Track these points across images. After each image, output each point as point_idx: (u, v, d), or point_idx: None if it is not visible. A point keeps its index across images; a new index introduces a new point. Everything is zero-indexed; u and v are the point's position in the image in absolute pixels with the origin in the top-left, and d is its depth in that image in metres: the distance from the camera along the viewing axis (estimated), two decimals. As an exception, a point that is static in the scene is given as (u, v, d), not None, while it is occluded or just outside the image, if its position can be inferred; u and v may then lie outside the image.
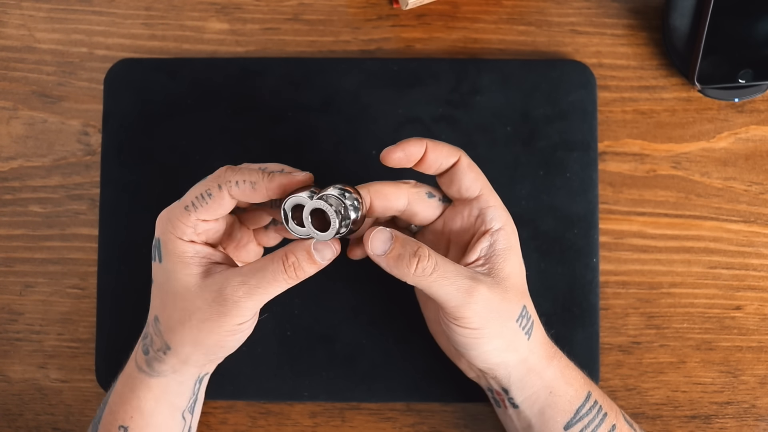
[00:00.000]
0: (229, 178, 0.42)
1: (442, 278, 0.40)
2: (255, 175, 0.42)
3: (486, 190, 0.44)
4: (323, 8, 0.55)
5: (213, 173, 0.43)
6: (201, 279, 0.42)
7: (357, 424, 0.52)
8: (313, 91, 0.53)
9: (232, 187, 0.42)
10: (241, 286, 0.41)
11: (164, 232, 0.42)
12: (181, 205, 0.42)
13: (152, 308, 0.44)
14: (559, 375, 0.45)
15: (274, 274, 0.41)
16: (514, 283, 0.43)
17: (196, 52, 0.54)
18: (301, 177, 0.42)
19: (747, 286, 0.53)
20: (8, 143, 0.54)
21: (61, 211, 0.53)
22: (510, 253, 0.43)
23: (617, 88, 0.54)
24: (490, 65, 0.53)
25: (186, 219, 0.42)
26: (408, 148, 0.43)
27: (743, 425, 0.52)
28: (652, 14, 0.54)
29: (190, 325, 0.42)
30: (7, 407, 0.53)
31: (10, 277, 0.53)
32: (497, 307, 0.42)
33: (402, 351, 0.51)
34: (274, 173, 0.42)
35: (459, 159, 0.44)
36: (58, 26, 0.55)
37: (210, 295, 0.41)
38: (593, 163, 0.52)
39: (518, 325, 0.43)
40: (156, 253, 0.43)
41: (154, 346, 0.44)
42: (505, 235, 0.44)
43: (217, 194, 0.42)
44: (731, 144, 0.54)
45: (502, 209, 0.44)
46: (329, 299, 0.52)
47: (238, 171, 0.42)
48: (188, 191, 0.43)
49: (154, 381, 0.44)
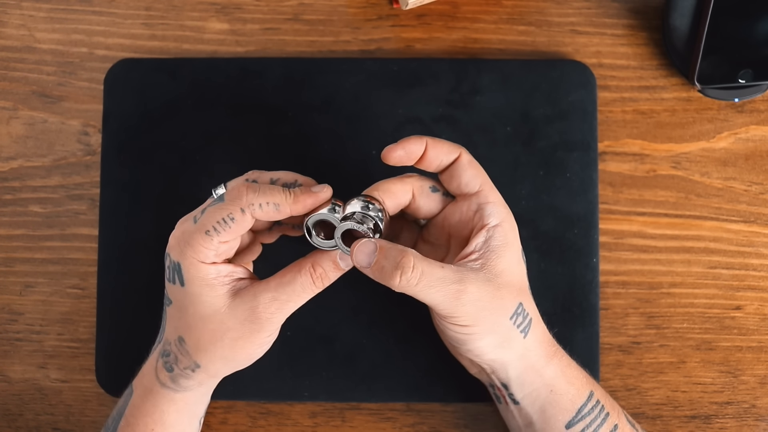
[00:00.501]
0: (252, 201, 0.41)
1: (427, 287, 0.41)
2: (278, 196, 0.41)
3: (486, 186, 0.44)
4: (323, 8, 0.55)
5: (231, 192, 0.42)
6: (229, 299, 0.42)
7: (357, 424, 0.52)
8: (313, 91, 0.53)
9: (255, 210, 0.41)
10: (273, 302, 0.42)
11: (184, 256, 0.41)
12: (201, 230, 0.41)
13: (173, 328, 0.43)
14: (559, 374, 0.44)
15: (303, 287, 0.42)
16: (509, 280, 0.43)
17: (196, 52, 0.54)
18: (324, 195, 0.42)
19: (747, 286, 0.53)
20: (8, 143, 0.54)
21: (61, 211, 0.53)
22: (506, 249, 0.43)
23: (617, 88, 0.54)
24: (490, 65, 0.53)
25: (208, 243, 0.41)
26: (408, 146, 0.43)
27: (743, 425, 0.52)
28: (652, 14, 0.55)
29: (222, 344, 0.42)
30: (7, 407, 0.53)
31: (10, 277, 0.53)
32: (488, 304, 0.42)
33: (402, 351, 0.51)
34: (296, 192, 0.42)
35: (459, 155, 0.44)
36: (58, 26, 0.55)
37: (242, 315, 0.42)
38: (593, 163, 0.52)
39: (512, 323, 0.43)
40: (175, 277, 0.42)
41: (180, 365, 0.43)
42: (502, 231, 0.43)
43: (240, 218, 0.41)
44: (731, 144, 0.54)
45: (501, 206, 0.44)
46: (329, 299, 0.52)
47: (260, 192, 0.41)
48: (206, 214, 0.41)
49: (178, 396, 0.44)
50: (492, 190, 0.44)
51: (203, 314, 0.42)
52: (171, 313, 0.43)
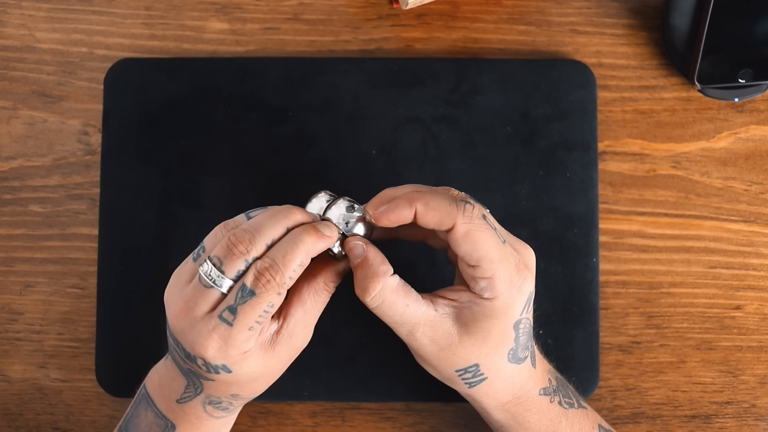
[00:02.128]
0: (284, 279, 0.39)
1: (381, 315, 0.42)
2: (298, 254, 0.39)
3: (485, 262, 0.40)
4: (323, 8, 0.55)
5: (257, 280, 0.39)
6: (271, 350, 0.42)
7: (357, 424, 0.52)
8: (313, 91, 0.53)
9: (288, 284, 0.40)
10: (305, 329, 0.43)
11: (228, 357, 0.40)
12: (243, 329, 0.39)
13: (223, 390, 0.43)
14: (510, 417, 0.45)
15: (323, 299, 0.43)
16: (475, 343, 0.42)
17: (196, 52, 0.54)
18: (333, 234, 0.41)
19: (747, 285, 0.53)
20: (8, 143, 0.54)
21: (61, 211, 0.53)
22: (487, 320, 0.41)
23: (617, 88, 0.54)
24: (490, 65, 0.53)
25: (252, 335, 0.40)
26: (395, 214, 0.40)
27: (743, 425, 0.52)
28: (652, 14, 0.54)
29: (273, 378, 0.44)
30: (7, 407, 0.53)
31: (10, 277, 0.53)
32: (436, 353, 0.43)
33: (402, 351, 0.51)
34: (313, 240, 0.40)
35: (453, 227, 0.40)
36: (58, 26, 0.55)
37: (287, 355, 0.43)
38: (593, 163, 0.52)
39: (456, 375, 0.43)
40: (219, 370, 0.41)
41: (235, 405, 0.45)
42: (491, 306, 0.41)
43: (279, 300, 0.40)
44: (731, 144, 0.54)
45: (503, 282, 0.41)
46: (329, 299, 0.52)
47: (282, 265, 0.39)
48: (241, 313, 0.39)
49: (233, 416, 0.46)
50: (494, 264, 0.40)
51: (256, 375, 0.42)
52: (216, 384, 0.42)
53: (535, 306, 0.45)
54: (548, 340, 0.51)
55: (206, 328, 0.40)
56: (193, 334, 0.40)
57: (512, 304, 0.41)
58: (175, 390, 0.44)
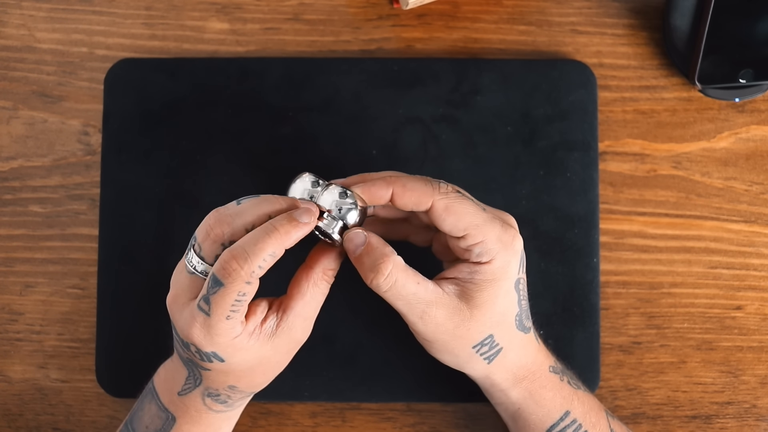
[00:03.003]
0: (252, 269, 0.38)
1: (395, 298, 0.41)
2: (269, 245, 0.39)
3: (472, 229, 0.41)
4: (323, 8, 0.55)
5: (224, 270, 0.38)
6: (269, 341, 0.42)
7: (357, 424, 0.52)
8: (313, 91, 0.53)
9: (258, 273, 0.39)
10: (305, 322, 0.42)
11: (215, 344, 0.40)
12: (221, 318, 0.39)
13: (221, 381, 0.43)
14: (527, 395, 0.45)
15: (321, 292, 0.43)
16: (485, 313, 0.42)
17: (196, 52, 0.54)
18: (313, 223, 0.40)
19: (748, 286, 0.53)
20: (8, 143, 0.54)
21: (61, 211, 0.53)
22: (490, 285, 0.42)
23: (618, 88, 0.54)
24: (490, 65, 0.53)
25: (232, 324, 0.40)
26: (372, 191, 0.41)
27: (744, 425, 0.52)
28: (652, 14, 0.54)
29: (274, 373, 0.44)
30: (7, 407, 0.53)
31: (10, 277, 0.53)
32: (451, 331, 0.42)
33: (402, 351, 0.51)
34: (284, 229, 0.39)
35: (432, 205, 0.41)
36: (58, 26, 0.55)
37: (285, 347, 0.43)
38: (594, 163, 0.52)
39: (475, 351, 0.43)
40: (212, 359, 0.41)
41: (233, 399, 0.44)
42: (490, 269, 0.42)
43: (250, 289, 0.39)
44: (732, 144, 0.54)
45: (494, 242, 0.41)
46: (329, 299, 0.51)
47: (251, 255, 0.38)
48: (214, 303, 0.39)
49: (234, 411, 0.46)
50: (480, 228, 0.41)
51: (251, 365, 0.42)
52: (213, 374, 0.42)
53: (530, 291, 0.46)
54: (549, 340, 0.50)
55: (190, 315, 0.40)
56: (182, 321, 0.41)
57: (509, 262, 0.42)
58: (177, 382, 0.44)
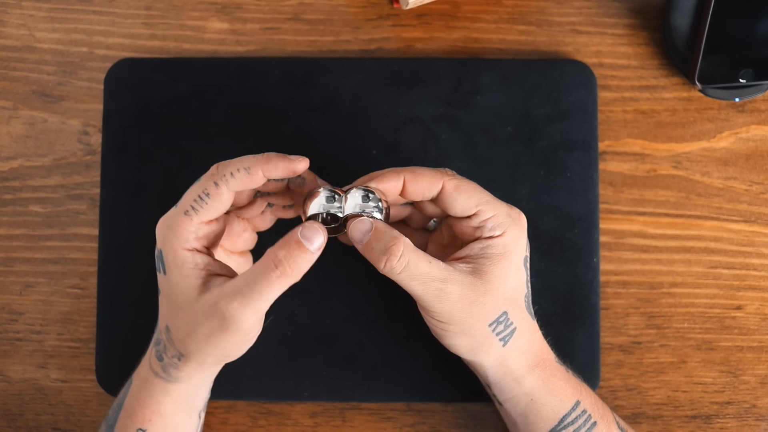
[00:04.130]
0: (223, 172, 0.41)
1: (409, 278, 0.41)
2: (248, 160, 0.41)
3: (483, 205, 0.43)
4: (323, 8, 0.55)
5: (206, 173, 0.42)
6: (199, 293, 0.41)
7: (357, 424, 0.52)
8: (313, 91, 0.53)
9: (228, 180, 0.41)
10: (235, 297, 0.39)
11: (165, 242, 0.42)
12: (180, 211, 0.41)
13: (162, 317, 0.44)
14: (540, 384, 0.44)
15: (265, 275, 0.39)
16: (499, 288, 0.42)
17: (196, 52, 0.54)
18: (300, 165, 0.42)
19: (748, 285, 0.53)
20: (8, 143, 0.54)
21: (61, 211, 0.53)
22: (503, 258, 0.43)
23: (618, 88, 0.54)
24: (490, 65, 0.53)
25: (187, 224, 0.41)
26: (384, 183, 0.42)
27: (744, 425, 0.52)
28: (652, 14, 0.54)
29: (197, 337, 0.41)
30: (7, 407, 0.53)
31: (10, 277, 0.53)
32: (467, 308, 0.42)
33: (402, 351, 0.51)
34: (268, 154, 0.42)
35: (443, 186, 0.43)
36: (58, 26, 0.55)
37: (208, 311, 0.40)
38: (594, 163, 0.52)
39: (491, 330, 0.43)
40: (160, 265, 0.42)
41: (168, 354, 0.43)
42: (502, 242, 0.43)
43: (215, 192, 0.41)
44: (732, 144, 0.54)
45: (503, 216, 0.43)
46: (329, 299, 0.52)
47: (230, 163, 0.42)
48: (184, 196, 0.42)
49: (172, 386, 0.44)
50: (489, 203, 0.43)
51: (180, 304, 0.42)
52: (161, 301, 0.44)
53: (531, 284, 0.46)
54: (549, 340, 0.50)
55: (167, 213, 0.43)
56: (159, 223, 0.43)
57: (518, 236, 0.43)
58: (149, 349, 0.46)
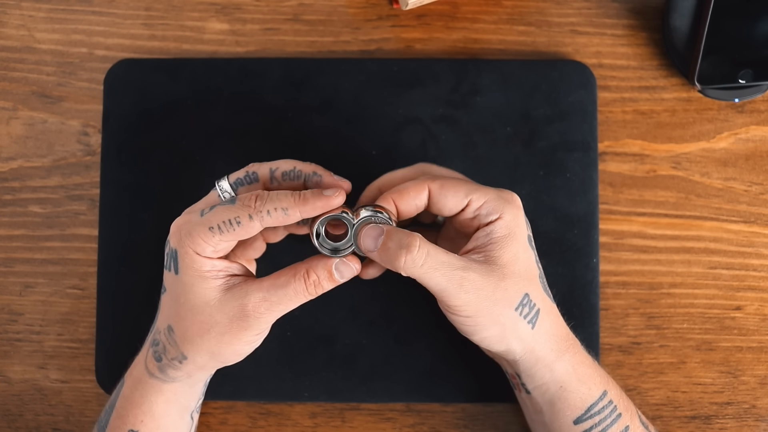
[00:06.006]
0: (261, 209, 0.41)
1: (432, 269, 0.41)
2: (287, 200, 0.41)
3: (472, 193, 0.43)
4: (323, 8, 0.55)
5: (243, 197, 0.41)
6: (221, 294, 0.42)
7: (357, 425, 0.52)
8: (313, 92, 0.53)
9: (264, 218, 0.41)
10: (263, 303, 0.41)
11: (182, 245, 0.42)
12: (205, 225, 0.41)
13: (164, 317, 0.44)
14: (570, 371, 0.44)
15: (295, 292, 0.42)
16: (514, 270, 0.43)
17: (196, 53, 0.54)
18: (337, 201, 0.42)
19: (747, 286, 0.53)
20: (8, 143, 0.54)
21: (61, 212, 0.53)
22: (510, 239, 0.43)
23: (617, 89, 0.54)
24: (490, 65, 0.53)
25: (209, 239, 0.41)
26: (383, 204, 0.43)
27: (743, 425, 0.52)
28: (652, 14, 0.55)
29: (209, 337, 0.42)
30: (7, 407, 0.53)
31: (10, 278, 0.53)
32: (491, 294, 0.42)
33: (402, 351, 0.51)
34: (305, 195, 0.41)
35: (429, 191, 0.44)
36: (58, 26, 0.55)
37: (231, 310, 0.42)
38: (593, 164, 0.52)
39: (518, 314, 0.43)
40: (171, 264, 0.42)
41: (167, 355, 0.43)
42: (503, 223, 0.43)
43: (247, 223, 0.41)
44: (731, 144, 0.54)
45: (497, 200, 0.43)
46: (329, 299, 0.51)
47: (268, 199, 0.41)
48: (214, 211, 0.41)
49: (166, 386, 0.44)
50: (479, 191, 0.43)
51: (193, 305, 0.42)
52: (164, 300, 0.44)
53: None
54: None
55: (186, 212, 0.43)
56: (177, 219, 0.43)
57: (516, 215, 0.44)
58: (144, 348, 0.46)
